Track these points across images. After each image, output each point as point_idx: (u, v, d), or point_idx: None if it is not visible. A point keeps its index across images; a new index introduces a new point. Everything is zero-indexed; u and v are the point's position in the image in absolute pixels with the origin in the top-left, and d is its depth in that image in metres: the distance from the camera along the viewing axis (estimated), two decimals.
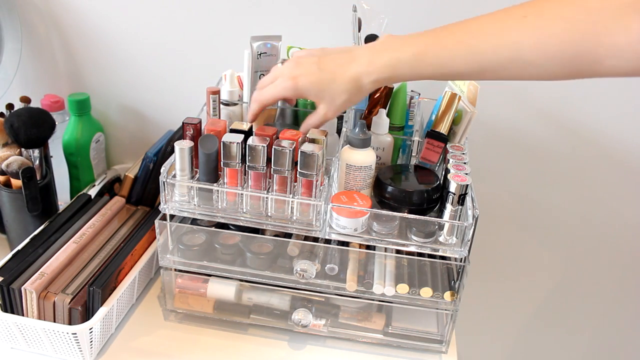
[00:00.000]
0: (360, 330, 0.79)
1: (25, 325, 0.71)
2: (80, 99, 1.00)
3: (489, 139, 1.01)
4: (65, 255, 0.76)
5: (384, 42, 0.65)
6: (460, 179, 0.70)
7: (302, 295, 0.79)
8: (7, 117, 0.84)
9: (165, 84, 1.06)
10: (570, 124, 0.99)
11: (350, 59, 0.65)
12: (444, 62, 0.61)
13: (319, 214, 0.70)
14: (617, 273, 1.13)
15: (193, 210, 0.73)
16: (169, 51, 1.02)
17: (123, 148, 1.14)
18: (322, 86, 0.66)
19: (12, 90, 1.04)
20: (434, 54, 0.61)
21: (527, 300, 1.20)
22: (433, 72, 0.62)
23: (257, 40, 0.77)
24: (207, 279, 0.79)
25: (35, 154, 0.85)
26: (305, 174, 0.69)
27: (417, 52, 0.61)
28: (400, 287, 0.74)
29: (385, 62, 0.63)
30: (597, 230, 1.08)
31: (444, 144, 0.76)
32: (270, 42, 0.77)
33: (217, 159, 0.71)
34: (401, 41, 0.63)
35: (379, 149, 0.79)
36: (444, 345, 0.78)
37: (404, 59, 0.62)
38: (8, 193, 0.84)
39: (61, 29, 1.04)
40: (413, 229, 0.71)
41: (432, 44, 0.61)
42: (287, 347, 0.79)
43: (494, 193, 1.06)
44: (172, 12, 0.99)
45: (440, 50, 0.61)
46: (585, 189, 1.05)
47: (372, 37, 0.85)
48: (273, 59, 0.78)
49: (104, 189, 0.96)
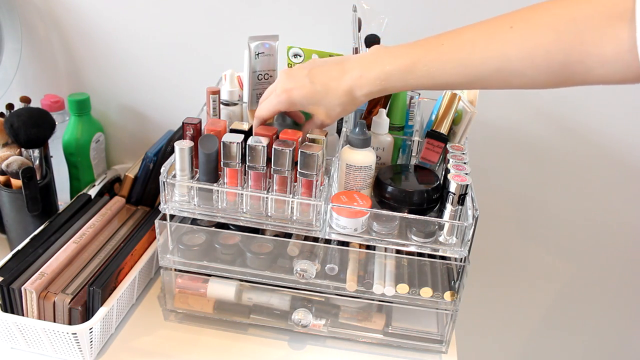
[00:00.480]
0: (360, 330, 0.79)
1: (25, 325, 0.71)
2: (80, 99, 1.00)
3: (489, 139, 1.01)
4: (65, 255, 0.76)
5: (373, 54, 0.65)
6: (460, 179, 0.70)
7: (302, 295, 0.79)
8: (7, 117, 0.84)
9: (165, 84, 1.06)
10: (571, 124, 0.99)
11: (341, 72, 0.65)
12: (434, 74, 0.61)
13: (319, 214, 0.70)
14: (617, 273, 1.13)
15: (193, 210, 0.73)
16: (169, 51, 1.02)
17: (123, 148, 1.14)
18: (316, 98, 0.67)
19: (12, 90, 1.04)
20: (423, 66, 0.61)
21: (528, 300, 1.20)
22: (424, 83, 0.62)
23: (255, 41, 0.77)
24: (207, 279, 0.79)
25: (35, 154, 0.85)
26: (305, 174, 0.69)
27: (406, 65, 0.62)
28: (400, 287, 0.74)
29: (375, 76, 0.63)
30: (597, 230, 1.08)
31: (444, 144, 0.76)
32: (268, 42, 0.77)
33: (217, 159, 0.71)
34: (390, 54, 0.63)
35: (379, 149, 0.79)
36: (444, 345, 0.78)
37: (394, 72, 0.62)
38: (8, 193, 0.84)
39: (61, 29, 1.04)
40: (413, 229, 0.71)
41: (421, 56, 0.61)
42: (287, 347, 0.79)
43: (494, 193, 1.06)
44: (172, 12, 0.99)
45: (429, 62, 0.61)
46: (586, 189, 1.05)
47: (372, 37, 0.85)
48: (271, 59, 0.78)
49: (104, 189, 0.96)
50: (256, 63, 0.78)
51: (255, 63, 0.78)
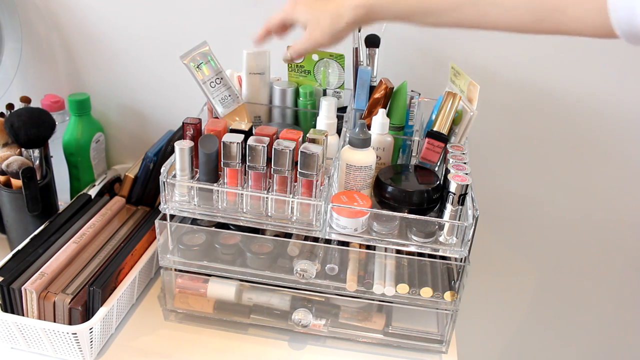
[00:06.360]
0: (360, 330, 0.79)
1: (25, 325, 0.71)
2: (80, 99, 1.00)
3: (489, 139, 1.01)
4: (66, 255, 0.76)
5: None
6: (460, 179, 0.70)
7: (302, 295, 0.79)
8: (7, 117, 0.84)
9: (165, 84, 1.06)
10: (570, 123, 0.99)
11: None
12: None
13: (319, 214, 0.70)
14: (618, 273, 1.13)
15: (193, 210, 0.73)
16: (169, 51, 1.02)
17: (123, 148, 1.14)
18: (313, 11, 0.71)
19: (12, 90, 1.04)
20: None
21: (528, 300, 1.20)
22: (411, 7, 0.64)
23: (186, 57, 0.79)
24: (207, 279, 0.79)
25: (35, 154, 0.85)
26: (305, 174, 0.69)
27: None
28: (401, 287, 0.74)
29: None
30: (597, 230, 1.08)
31: (444, 144, 0.76)
32: (199, 50, 0.80)
33: (217, 159, 0.71)
34: None
35: (379, 149, 0.79)
36: (444, 345, 0.78)
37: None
38: (8, 193, 0.84)
39: (61, 29, 1.04)
40: (413, 229, 0.71)
41: None
42: (287, 347, 0.79)
43: (494, 193, 1.06)
44: (172, 12, 0.99)
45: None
46: (586, 189, 1.05)
47: (372, 37, 0.85)
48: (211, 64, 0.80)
49: (104, 189, 0.96)
50: (202, 73, 0.79)
51: (201, 74, 0.80)
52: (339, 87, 0.89)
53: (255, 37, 0.77)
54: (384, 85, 0.80)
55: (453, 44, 0.94)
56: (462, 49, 0.94)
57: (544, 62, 0.94)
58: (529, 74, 0.95)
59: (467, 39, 0.93)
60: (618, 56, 0.91)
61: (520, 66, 0.94)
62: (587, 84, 0.94)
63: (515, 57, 0.94)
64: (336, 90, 0.90)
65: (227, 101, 0.81)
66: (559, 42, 0.91)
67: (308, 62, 0.88)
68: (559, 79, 0.95)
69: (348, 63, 0.86)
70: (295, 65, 0.89)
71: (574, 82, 0.95)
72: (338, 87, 0.89)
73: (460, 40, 0.93)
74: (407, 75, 0.84)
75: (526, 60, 0.94)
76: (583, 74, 0.94)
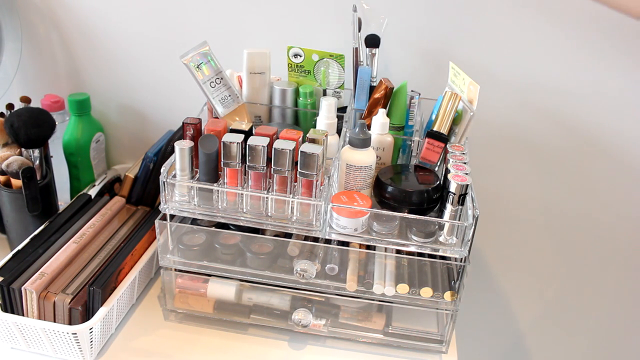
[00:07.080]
0: (360, 330, 0.79)
1: (25, 325, 0.71)
2: (80, 99, 1.00)
3: (489, 139, 1.01)
4: (66, 255, 0.76)
5: None
6: (460, 179, 0.70)
7: (302, 295, 0.79)
8: (7, 117, 0.84)
9: (165, 84, 1.06)
10: (571, 123, 0.99)
11: None
12: None
13: (319, 214, 0.70)
14: (618, 273, 1.13)
15: (193, 210, 0.73)
16: (169, 51, 1.02)
17: (123, 148, 1.14)
18: None
19: (12, 90, 1.04)
20: None
21: (528, 300, 1.20)
22: None
23: (186, 56, 0.79)
24: (207, 279, 0.79)
25: (35, 154, 0.85)
26: (305, 174, 0.69)
27: None
28: (400, 287, 0.74)
29: None
30: (598, 230, 1.08)
31: (444, 144, 0.76)
32: (198, 51, 0.79)
33: (217, 159, 0.71)
34: None
35: (379, 149, 0.79)
36: (444, 345, 0.78)
37: None
38: (8, 193, 0.84)
39: (61, 29, 1.04)
40: (413, 229, 0.71)
41: None
42: (287, 347, 0.79)
43: (494, 193, 1.06)
44: (172, 12, 0.99)
45: None
46: (586, 189, 1.05)
47: (372, 37, 0.85)
48: (211, 64, 0.80)
49: (104, 189, 0.96)
50: (202, 73, 0.79)
51: (201, 74, 0.79)
52: (339, 87, 0.89)
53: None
54: (384, 85, 0.80)
55: (453, 44, 0.94)
56: (462, 49, 0.94)
57: (544, 62, 0.94)
58: (529, 74, 0.95)
59: (467, 39, 0.93)
60: (619, 57, 0.91)
61: (521, 66, 0.94)
62: (588, 84, 0.94)
63: (515, 57, 0.94)
64: (336, 90, 0.90)
65: (227, 101, 0.81)
66: (560, 42, 0.91)
67: (308, 62, 0.88)
68: (560, 79, 0.95)
69: (348, 63, 0.86)
70: (295, 65, 0.89)
71: (574, 82, 0.95)
72: (338, 87, 0.89)
73: (460, 40, 0.93)
74: (407, 75, 0.84)
75: (526, 60, 0.94)
76: (584, 74, 0.94)
